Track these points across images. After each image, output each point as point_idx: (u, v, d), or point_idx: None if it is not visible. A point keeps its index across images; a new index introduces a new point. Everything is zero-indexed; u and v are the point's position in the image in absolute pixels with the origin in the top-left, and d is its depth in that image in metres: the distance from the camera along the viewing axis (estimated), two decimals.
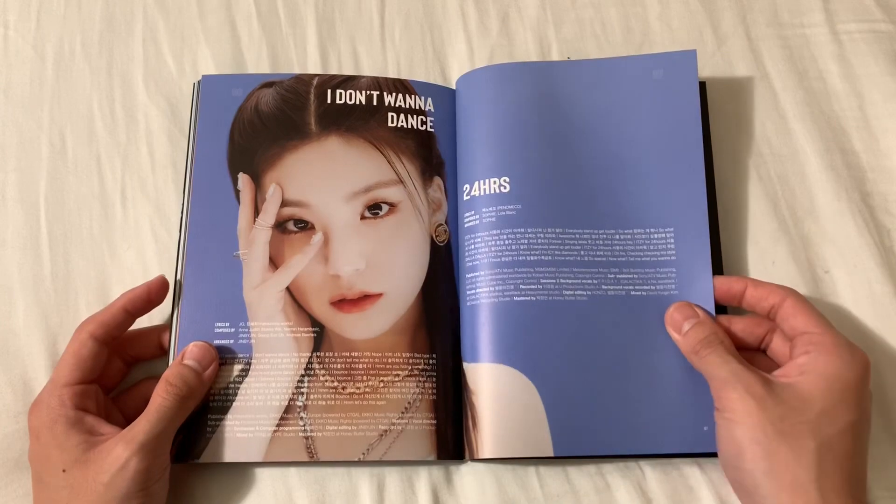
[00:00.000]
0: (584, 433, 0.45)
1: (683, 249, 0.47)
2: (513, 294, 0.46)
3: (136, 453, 0.39)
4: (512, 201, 0.48)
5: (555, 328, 0.46)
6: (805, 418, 0.38)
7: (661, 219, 0.48)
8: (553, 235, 0.47)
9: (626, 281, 0.47)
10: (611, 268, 0.47)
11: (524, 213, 0.48)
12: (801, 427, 0.38)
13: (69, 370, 0.42)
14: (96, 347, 0.43)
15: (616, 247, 0.48)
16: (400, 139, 0.50)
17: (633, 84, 0.50)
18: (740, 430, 0.39)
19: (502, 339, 0.46)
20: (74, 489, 0.39)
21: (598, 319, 0.46)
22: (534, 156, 0.49)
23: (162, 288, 0.46)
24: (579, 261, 0.47)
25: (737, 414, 0.39)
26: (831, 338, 0.41)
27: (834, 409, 0.39)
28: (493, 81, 0.50)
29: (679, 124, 0.49)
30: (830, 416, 0.39)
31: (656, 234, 0.48)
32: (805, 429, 0.38)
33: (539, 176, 0.49)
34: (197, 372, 0.43)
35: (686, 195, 0.48)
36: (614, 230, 0.48)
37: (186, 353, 0.44)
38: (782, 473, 0.38)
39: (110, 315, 0.44)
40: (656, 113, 0.49)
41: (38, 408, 0.42)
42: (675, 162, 0.49)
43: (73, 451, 0.40)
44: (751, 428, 0.39)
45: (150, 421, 0.41)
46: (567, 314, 0.46)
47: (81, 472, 0.39)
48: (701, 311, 0.45)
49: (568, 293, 0.47)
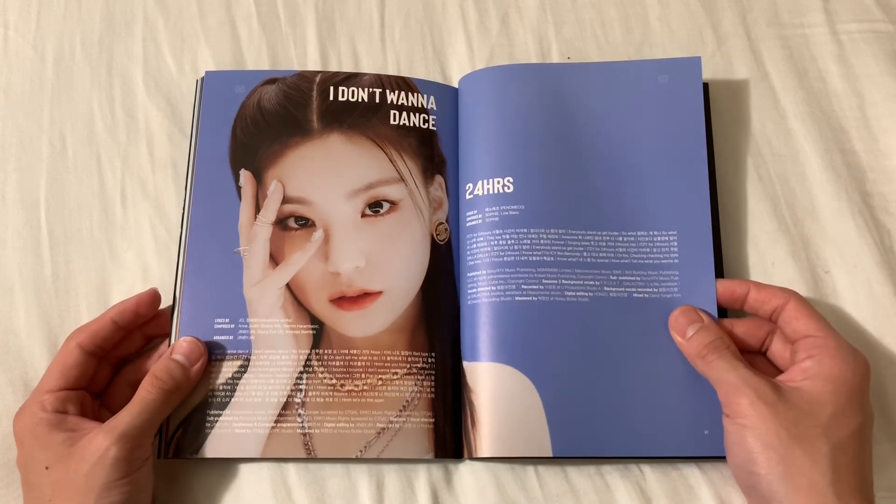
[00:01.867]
0: (583, 434, 0.44)
1: (686, 252, 0.47)
2: (514, 294, 0.46)
3: (115, 442, 0.39)
4: (515, 202, 0.48)
5: (556, 328, 0.46)
6: (817, 422, 0.38)
7: (664, 222, 0.48)
8: (556, 236, 0.47)
9: (629, 283, 0.47)
10: (613, 269, 0.47)
11: (527, 213, 0.48)
12: (814, 431, 0.38)
13: (53, 378, 0.43)
14: (83, 357, 0.43)
15: (619, 249, 0.48)
16: (402, 137, 0.50)
17: (637, 88, 0.50)
18: (753, 435, 0.39)
19: (503, 339, 0.46)
20: (57, 484, 0.39)
21: (600, 321, 0.46)
22: (537, 157, 0.49)
23: (152, 302, 0.46)
24: (581, 262, 0.47)
25: (749, 419, 0.39)
26: (834, 341, 0.41)
27: (843, 412, 0.39)
28: (498, 82, 0.50)
29: (683, 129, 0.49)
30: (840, 419, 0.39)
31: (659, 237, 0.48)
32: (818, 432, 0.38)
33: (542, 177, 0.49)
34: (184, 367, 0.44)
35: (690, 199, 0.48)
36: (617, 232, 0.48)
37: (175, 347, 0.44)
38: (798, 477, 0.38)
39: (99, 326, 0.44)
40: (661, 117, 0.50)
41: (20, 414, 0.42)
42: (679, 166, 0.49)
43: (56, 448, 0.40)
44: (764, 433, 0.39)
45: (133, 412, 0.41)
46: (568, 315, 0.46)
47: (64, 466, 0.40)
48: (705, 315, 0.45)
49: (570, 294, 0.47)
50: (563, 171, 0.49)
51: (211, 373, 0.45)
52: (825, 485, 0.37)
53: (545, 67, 0.52)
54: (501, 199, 0.48)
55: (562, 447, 0.44)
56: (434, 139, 0.51)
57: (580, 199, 0.48)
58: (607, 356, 0.46)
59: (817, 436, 0.38)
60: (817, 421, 0.39)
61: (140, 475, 0.41)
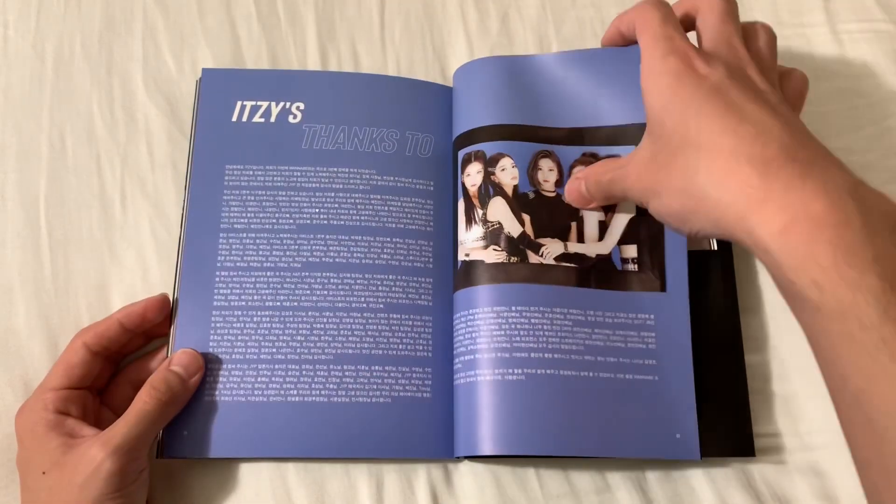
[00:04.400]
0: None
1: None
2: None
3: (110, 455, 0.39)
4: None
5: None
6: (667, 139, 0.38)
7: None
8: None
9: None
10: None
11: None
12: (674, 140, 0.38)
13: (56, 376, 0.43)
14: (87, 356, 0.43)
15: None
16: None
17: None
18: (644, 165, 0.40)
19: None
20: (52, 491, 0.39)
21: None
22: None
23: (161, 307, 0.46)
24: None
25: (633, 166, 0.41)
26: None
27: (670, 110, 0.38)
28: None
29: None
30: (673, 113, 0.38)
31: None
32: (678, 142, 0.37)
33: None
34: (182, 378, 0.43)
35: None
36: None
37: (174, 359, 0.44)
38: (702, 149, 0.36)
39: (106, 327, 0.44)
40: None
41: (22, 412, 0.42)
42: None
43: (52, 453, 0.40)
44: (649, 157, 0.39)
45: (129, 424, 0.41)
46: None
47: (59, 473, 0.39)
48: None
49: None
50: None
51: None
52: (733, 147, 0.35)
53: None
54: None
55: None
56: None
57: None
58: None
59: (680, 145, 0.37)
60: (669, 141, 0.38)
61: (135, 487, 0.41)
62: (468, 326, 0.45)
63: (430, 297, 0.47)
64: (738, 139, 0.35)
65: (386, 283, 0.47)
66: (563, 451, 0.43)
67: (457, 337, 0.46)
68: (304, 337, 0.46)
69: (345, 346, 0.46)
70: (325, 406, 0.45)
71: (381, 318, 0.47)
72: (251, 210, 0.48)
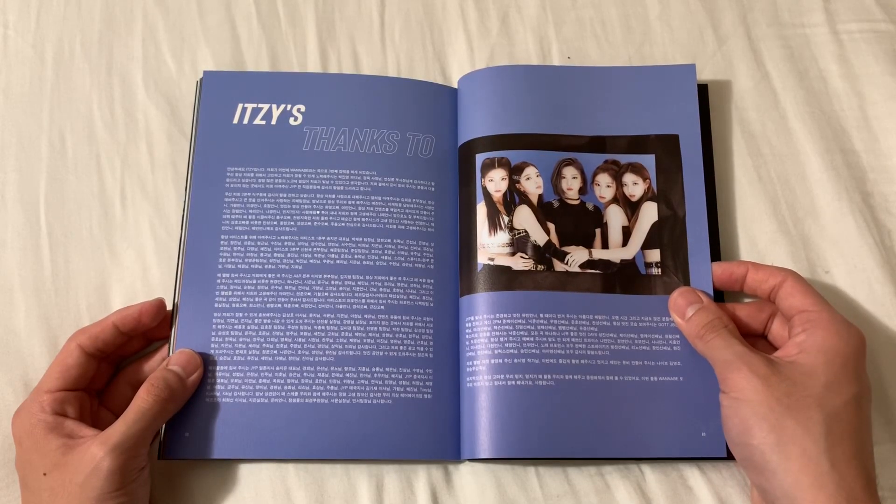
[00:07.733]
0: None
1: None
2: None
3: (109, 453, 0.39)
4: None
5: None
6: (810, 392, 0.39)
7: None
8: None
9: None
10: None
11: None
12: (807, 401, 0.38)
13: (52, 378, 0.43)
14: (83, 358, 0.43)
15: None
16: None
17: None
18: (747, 408, 0.39)
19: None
20: (54, 491, 0.40)
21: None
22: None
23: (156, 311, 0.45)
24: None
25: (743, 392, 0.40)
26: (827, 314, 0.42)
27: (837, 381, 0.39)
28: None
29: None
30: (834, 388, 0.39)
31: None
32: (811, 402, 0.38)
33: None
34: (181, 377, 0.44)
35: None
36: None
37: (172, 359, 0.44)
38: (790, 446, 0.38)
39: (100, 329, 0.44)
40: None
41: (19, 415, 0.42)
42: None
43: (52, 454, 0.40)
44: (758, 405, 0.39)
45: (128, 422, 0.41)
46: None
47: (60, 474, 0.40)
48: (705, 296, 0.45)
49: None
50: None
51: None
52: (818, 453, 0.37)
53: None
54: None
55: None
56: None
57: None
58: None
59: (810, 405, 0.38)
60: (810, 391, 0.39)
61: (136, 485, 0.41)
62: (494, 329, 0.46)
63: (431, 298, 0.47)
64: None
65: (387, 285, 0.47)
66: (592, 454, 0.44)
67: (476, 339, 0.46)
68: (305, 338, 0.46)
69: (346, 347, 0.46)
70: (327, 407, 0.45)
71: (382, 320, 0.47)
72: (252, 212, 0.48)
